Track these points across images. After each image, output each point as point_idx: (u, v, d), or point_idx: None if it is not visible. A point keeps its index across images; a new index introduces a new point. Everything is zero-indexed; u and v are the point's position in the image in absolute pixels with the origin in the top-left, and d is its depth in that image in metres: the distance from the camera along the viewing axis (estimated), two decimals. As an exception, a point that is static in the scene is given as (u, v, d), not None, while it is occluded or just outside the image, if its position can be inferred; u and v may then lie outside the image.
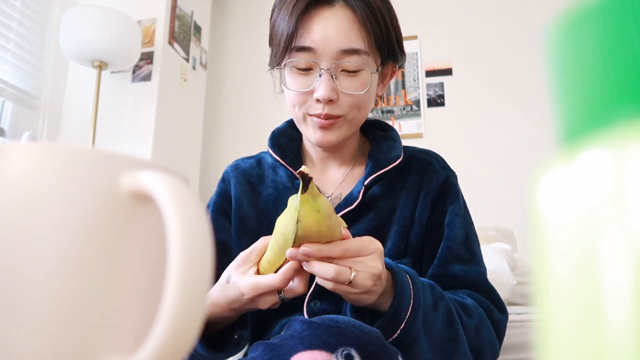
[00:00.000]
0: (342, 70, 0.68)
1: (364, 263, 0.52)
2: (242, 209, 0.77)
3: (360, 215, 0.71)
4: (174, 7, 2.53)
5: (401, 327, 0.56)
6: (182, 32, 2.62)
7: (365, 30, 0.67)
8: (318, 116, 0.68)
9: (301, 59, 0.68)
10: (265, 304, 0.57)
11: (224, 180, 0.81)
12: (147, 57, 2.37)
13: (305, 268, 0.53)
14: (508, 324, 1.21)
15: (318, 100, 0.67)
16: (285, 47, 0.68)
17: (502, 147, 2.57)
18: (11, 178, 0.22)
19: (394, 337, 0.56)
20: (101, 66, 2.06)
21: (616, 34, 0.12)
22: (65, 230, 0.22)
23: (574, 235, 0.12)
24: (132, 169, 0.23)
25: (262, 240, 0.59)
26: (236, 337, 0.64)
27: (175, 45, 2.54)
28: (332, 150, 0.77)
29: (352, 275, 0.51)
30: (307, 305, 0.68)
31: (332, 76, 0.67)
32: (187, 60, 2.66)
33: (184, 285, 0.21)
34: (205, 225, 0.23)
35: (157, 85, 2.33)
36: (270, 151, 0.78)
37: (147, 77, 2.36)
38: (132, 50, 2.11)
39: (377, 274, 0.52)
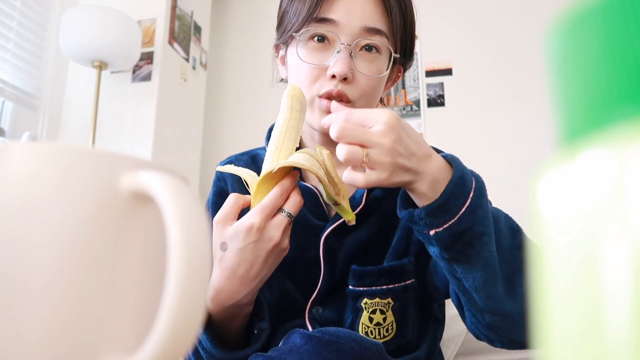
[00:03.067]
0: (361, 50, 0.65)
1: (372, 140, 0.47)
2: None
3: (364, 219, 0.69)
4: (174, 7, 2.53)
5: (471, 194, 0.50)
6: (182, 32, 2.62)
7: (389, 16, 0.65)
8: (329, 94, 0.64)
9: (321, 29, 0.64)
10: (276, 229, 0.53)
11: (220, 179, 0.78)
12: (147, 57, 2.37)
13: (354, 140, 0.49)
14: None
15: (333, 77, 0.63)
16: (306, 17, 0.64)
17: (502, 147, 2.57)
18: (11, 178, 0.22)
19: (466, 205, 0.50)
20: (101, 66, 2.06)
21: (616, 34, 0.12)
22: (65, 230, 0.22)
23: (574, 235, 0.12)
24: (132, 169, 0.23)
25: (233, 197, 0.57)
26: (256, 331, 0.61)
27: (175, 45, 2.54)
28: (332, 145, 0.75)
29: (365, 152, 0.47)
30: (309, 312, 0.66)
31: (350, 54, 0.64)
32: (187, 60, 2.66)
33: (184, 285, 0.21)
34: (205, 225, 0.23)
35: (157, 85, 2.33)
36: (267, 148, 0.76)
37: (147, 77, 2.36)
38: (132, 50, 2.10)
39: (388, 146, 0.47)
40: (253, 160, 0.79)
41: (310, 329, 0.64)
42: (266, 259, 0.54)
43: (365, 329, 0.64)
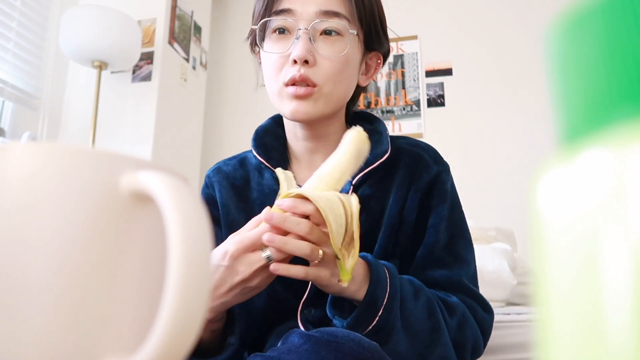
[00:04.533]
0: (321, 35, 0.67)
1: (327, 241, 0.52)
2: (230, 215, 0.73)
3: None
4: (174, 7, 2.53)
5: (379, 313, 0.56)
6: (182, 32, 2.62)
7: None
8: (293, 80, 0.65)
9: (279, 20, 0.67)
10: (247, 265, 0.53)
11: (208, 186, 0.77)
12: (147, 57, 2.37)
13: (277, 246, 0.52)
14: (508, 324, 1.21)
15: (295, 62, 0.65)
16: (264, 11, 0.67)
17: (502, 147, 2.57)
18: (11, 178, 0.22)
19: (372, 324, 0.56)
20: (101, 66, 2.06)
21: (616, 34, 0.12)
22: (65, 230, 0.22)
23: (574, 235, 0.12)
24: (132, 169, 0.23)
25: (255, 225, 0.56)
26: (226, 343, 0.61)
27: (175, 45, 2.54)
28: (315, 138, 0.73)
29: (320, 253, 0.52)
30: (301, 313, 0.65)
31: (310, 38, 0.65)
32: (187, 60, 2.66)
33: (184, 285, 0.21)
34: (205, 225, 0.23)
35: (157, 85, 2.33)
36: (255, 152, 0.74)
37: (147, 77, 2.36)
38: (132, 50, 2.11)
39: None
40: (242, 164, 0.77)
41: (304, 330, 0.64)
42: (230, 289, 0.54)
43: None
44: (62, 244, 0.22)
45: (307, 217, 0.53)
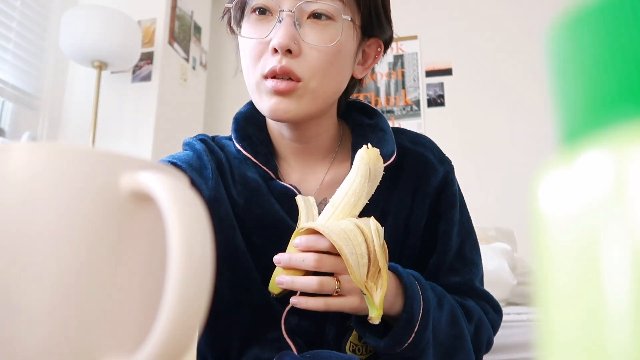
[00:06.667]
0: (309, 18, 0.56)
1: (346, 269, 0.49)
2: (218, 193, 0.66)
3: None
4: (174, 7, 2.53)
5: (415, 329, 0.52)
6: (182, 32, 2.62)
7: None
8: (273, 72, 0.55)
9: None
10: None
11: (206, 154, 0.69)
12: (147, 57, 2.37)
13: (287, 287, 0.50)
14: (508, 324, 1.21)
15: (275, 51, 0.55)
16: None
17: (502, 147, 2.57)
18: (11, 178, 0.22)
19: (408, 341, 0.53)
20: (101, 66, 2.06)
21: (616, 34, 0.12)
22: (66, 231, 0.22)
23: (574, 235, 0.12)
24: (132, 169, 0.23)
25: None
26: None
27: (175, 45, 2.54)
28: (303, 140, 0.64)
29: (336, 283, 0.49)
30: (285, 322, 0.61)
31: (295, 23, 0.55)
32: (187, 60, 2.66)
33: (184, 285, 0.21)
34: (206, 225, 0.23)
35: (157, 86, 2.34)
36: (238, 146, 0.64)
37: (147, 77, 2.36)
38: (132, 50, 2.11)
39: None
40: (226, 157, 0.67)
41: (289, 342, 0.60)
42: None
43: (353, 347, 0.61)
44: (62, 244, 0.22)
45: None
